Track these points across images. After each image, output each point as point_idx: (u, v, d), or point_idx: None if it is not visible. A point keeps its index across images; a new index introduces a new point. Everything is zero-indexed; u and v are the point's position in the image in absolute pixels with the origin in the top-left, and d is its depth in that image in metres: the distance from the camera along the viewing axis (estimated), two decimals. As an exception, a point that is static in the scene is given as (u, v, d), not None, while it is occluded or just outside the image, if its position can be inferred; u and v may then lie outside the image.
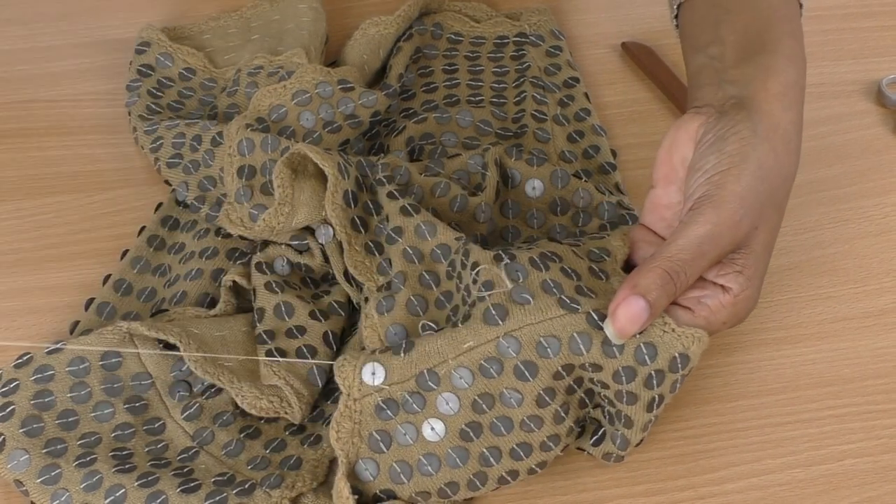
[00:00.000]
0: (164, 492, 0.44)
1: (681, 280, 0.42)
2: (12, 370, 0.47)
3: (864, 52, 0.69)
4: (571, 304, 0.42)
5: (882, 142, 0.63)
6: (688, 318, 0.43)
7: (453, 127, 0.60)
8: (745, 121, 0.45)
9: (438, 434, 0.43)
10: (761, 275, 0.45)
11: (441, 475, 0.43)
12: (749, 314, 0.45)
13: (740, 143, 0.44)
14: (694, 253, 0.42)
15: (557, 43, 0.67)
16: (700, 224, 0.43)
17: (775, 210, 0.45)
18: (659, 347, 0.42)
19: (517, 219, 0.54)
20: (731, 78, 0.47)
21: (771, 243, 0.45)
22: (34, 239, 0.56)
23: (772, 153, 0.44)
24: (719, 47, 0.49)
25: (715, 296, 0.44)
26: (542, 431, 0.43)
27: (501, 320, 0.42)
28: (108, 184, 0.59)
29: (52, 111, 0.64)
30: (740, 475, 0.47)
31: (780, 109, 0.45)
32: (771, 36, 0.48)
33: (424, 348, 0.43)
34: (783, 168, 0.45)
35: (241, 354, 0.48)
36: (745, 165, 0.44)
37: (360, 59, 0.64)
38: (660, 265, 0.42)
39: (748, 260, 0.44)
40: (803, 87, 0.48)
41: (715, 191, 0.43)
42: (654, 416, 0.44)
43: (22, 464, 0.45)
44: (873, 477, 0.47)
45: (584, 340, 0.42)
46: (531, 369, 0.42)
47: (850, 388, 0.51)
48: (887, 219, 0.59)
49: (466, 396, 0.43)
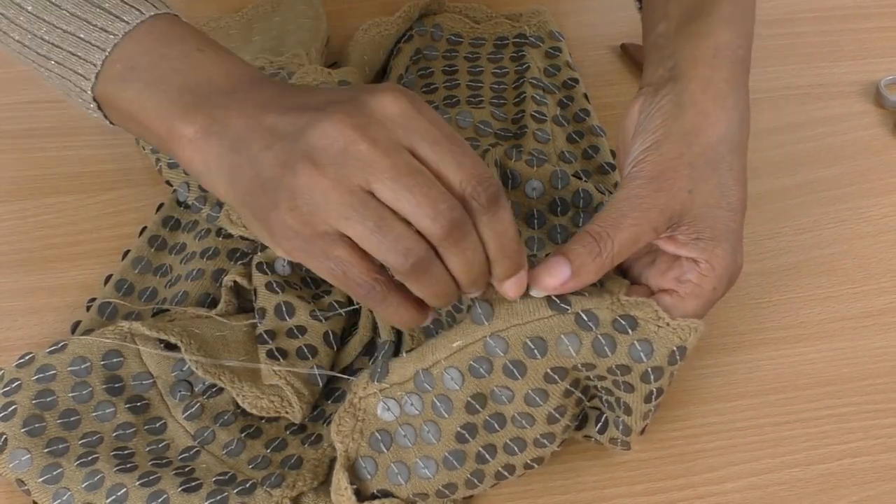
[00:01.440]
0: (165, 491, 0.44)
1: (604, 240, 0.42)
2: (14, 370, 0.47)
3: (863, 54, 0.69)
4: (561, 304, 0.42)
5: (880, 142, 0.63)
6: (675, 300, 0.43)
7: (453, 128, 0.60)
8: (669, 93, 0.45)
9: (434, 438, 0.43)
10: (727, 231, 0.44)
11: (439, 478, 0.43)
12: (738, 272, 0.44)
13: (662, 118, 0.45)
14: (614, 214, 0.43)
15: (557, 44, 0.67)
16: (619, 191, 0.44)
17: (713, 168, 0.44)
18: (655, 343, 0.42)
19: (518, 219, 0.54)
20: (669, 51, 0.47)
21: (720, 200, 0.44)
22: (36, 239, 0.57)
23: (700, 115, 0.44)
24: (665, 24, 0.49)
25: (691, 269, 0.44)
26: (534, 429, 0.43)
27: (487, 319, 0.42)
28: (110, 184, 0.60)
29: (54, 112, 0.64)
30: (739, 474, 0.47)
31: (709, 71, 0.45)
32: (708, 2, 0.48)
33: (421, 348, 0.44)
34: (716, 126, 0.44)
35: (242, 354, 0.48)
36: (665, 137, 0.44)
37: (361, 59, 0.64)
38: (582, 229, 0.43)
39: (697, 224, 0.43)
40: (741, 47, 0.47)
41: (637, 166, 0.44)
42: (653, 406, 0.44)
43: (24, 463, 0.45)
44: (872, 476, 0.47)
45: (571, 342, 0.42)
46: (520, 368, 0.42)
47: (849, 387, 0.51)
48: (886, 219, 0.59)
49: (459, 399, 0.43)
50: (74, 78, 0.45)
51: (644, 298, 0.43)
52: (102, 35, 0.44)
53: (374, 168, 0.38)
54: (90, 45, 0.44)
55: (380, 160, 0.38)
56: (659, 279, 0.45)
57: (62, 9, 0.45)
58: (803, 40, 0.71)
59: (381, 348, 0.49)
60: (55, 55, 0.45)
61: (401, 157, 0.38)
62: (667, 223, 0.43)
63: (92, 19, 0.45)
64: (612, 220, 0.42)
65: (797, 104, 0.66)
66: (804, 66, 0.69)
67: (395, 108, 0.39)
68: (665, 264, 0.45)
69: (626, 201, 0.43)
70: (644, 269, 0.46)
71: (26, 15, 0.46)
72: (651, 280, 0.45)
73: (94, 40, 0.44)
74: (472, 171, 0.38)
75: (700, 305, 0.43)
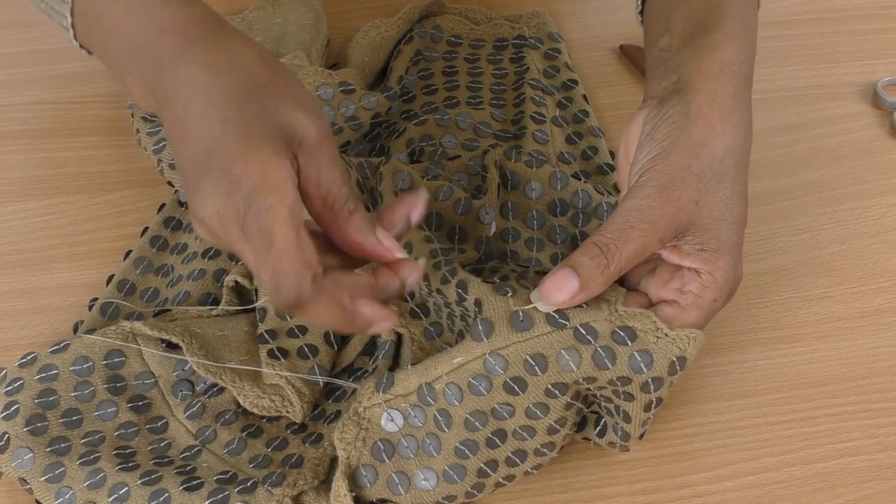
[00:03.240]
0: (166, 490, 0.44)
1: (611, 251, 0.42)
2: (17, 369, 0.47)
3: (860, 55, 0.70)
4: (559, 319, 0.42)
5: (878, 143, 0.63)
6: (676, 311, 0.43)
7: (453, 129, 0.60)
8: (676, 104, 0.45)
9: (435, 451, 0.43)
10: (730, 244, 0.44)
11: (438, 490, 0.43)
12: (737, 284, 0.44)
13: (670, 128, 0.45)
14: (622, 225, 0.43)
15: (556, 45, 0.68)
16: (627, 201, 0.44)
17: (718, 181, 0.44)
18: (655, 354, 0.41)
19: (517, 220, 0.54)
20: (674, 65, 0.47)
21: (725, 213, 0.44)
22: (38, 239, 0.57)
23: (707, 127, 0.44)
24: (668, 38, 0.49)
25: (693, 280, 0.43)
26: (534, 440, 0.43)
27: (486, 336, 0.42)
28: (112, 185, 0.60)
29: (56, 113, 0.64)
30: (738, 473, 0.47)
31: (715, 85, 0.46)
32: (714, 18, 0.48)
33: (425, 361, 0.44)
34: (723, 139, 0.45)
35: (244, 354, 0.49)
36: (673, 147, 0.44)
37: (361, 61, 0.64)
38: (589, 240, 0.43)
39: (702, 236, 0.43)
40: (745, 62, 0.47)
41: (645, 175, 0.44)
42: (651, 416, 0.44)
43: (26, 462, 0.45)
44: (869, 475, 0.48)
45: (572, 356, 0.41)
46: (521, 385, 0.42)
47: (847, 387, 0.51)
48: (883, 219, 0.59)
49: (458, 415, 0.43)
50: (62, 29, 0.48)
51: (642, 310, 0.42)
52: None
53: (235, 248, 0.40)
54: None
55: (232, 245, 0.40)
56: (660, 289, 0.44)
57: None
58: (801, 42, 0.71)
59: (382, 348, 0.49)
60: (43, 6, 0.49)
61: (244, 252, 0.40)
62: (673, 234, 0.43)
63: None
64: (621, 231, 0.42)
65: (795, 105, 0.66)
66: (802, 67, 0.69)
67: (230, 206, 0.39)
68: (666, 274, 0.44)
69: (635, 212, 0.43)
70: (644, 278, 0.46)
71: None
72: (651, 289, 0.45)
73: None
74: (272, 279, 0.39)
75: (700, 316, 0.43)
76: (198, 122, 0.41)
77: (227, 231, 0.39)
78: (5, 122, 0.63)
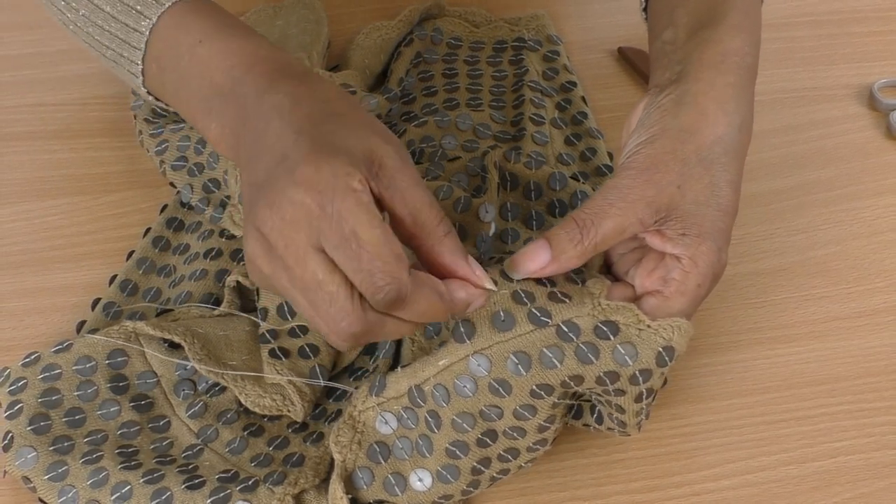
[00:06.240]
0: (168, 488, 0.44)
1: (587, 226, 0.42)
2: (20, 369, 0.48)
3: (857, 57, 0.70)
4: (541, 317, 0.42)
5: (874, 145, 0.64)
6: (660, 301, 0.43)
7: (453, 130, 0.60)
8: (672, 93, 0.46)
9: (427, 452, 0.43)
10: (713, 230, 0.44)
11: (434, 490, 0.43)
12: (722, 269, 0.44)
13: (661, 114, 0.45)
14: (601, 203, 0.43)
15: (555, 47, 0.68)
16: (610, 180, 0.44)
17: (705, 167, 0.44)
18: (638, 346, 0.41)
19: (516, 221, 0.55)
20: (678, 57, 0.48)
21: (710, 199, 0.44)
22: (41, 240, 0.57)
23: (698, 115, 0.45)
24: (673, 31, 0.50)
25: (675, 267, 0.44)
26: (525, 439, 0.43)
27: (469, 338, 0.42)
28: (114, 186, 0.60)
29: (59, 115, 0.64)
30: (735, 472, 0.48)
31: (714, 74, 0.46)
32: (718, 11, 0.49)
33: (414, 364, 0.44)
34: (714, 127, 0.45)
35: (245, 353, 0.49)
36: (661, 132, 0.45)
37: (362, 63, 0.65)
38: (569, 215, 0.43)
39: (685, 221, 0.43)
40: (749, 54, 0.48)
41: (629, 158, 0.45)
42: (645, 405, 0.44)
43: (30, 461, 0.45)
44: (866, 473, 0.48)
45: (555, 354, 0.41)
46: (505, 387, 0.42)
47: (843, 386, 0.51)
48: (879, 220, 0.59)
49: (446, 416, 0.43)
50: (130, 76, 0.50)
51: (625, 303, 0.42)
52: (135, 35, 0.48)
53: (285, 280, 0.39)
54: (130, 46, 0.48)
55: (288, 273, 0.39)
56: (645, 279, 0.45)
57: (103, 10, 0.49)
58: (799, 44, 0.71)
59: (382, 347, 0.50)
60: (110, 53, 0.50)
61: (307, 268, 0.38)
62: (654, 216, 0.43)
63: (124, 18, 0.48)
64: (598, 207, 0.43)
65: (792, 107, 0.66)
66: (799, 69, 0.69)
67: (300, 209, 0.38)
68: (652, 262, 0.45)
69: (614, 190, 0.43)
70: (631, 267, 0.46)
71: (80, 18, 0.50)
72: (637, 279, 0.45)
73: (132, 41, 0.48)
74: (369, 280, 0.37)
75: (686, 304, 0.44)
76: (274, 139, 0.41)
77: (291, 243, 0.38)
78: (8, 124, 0.64)
